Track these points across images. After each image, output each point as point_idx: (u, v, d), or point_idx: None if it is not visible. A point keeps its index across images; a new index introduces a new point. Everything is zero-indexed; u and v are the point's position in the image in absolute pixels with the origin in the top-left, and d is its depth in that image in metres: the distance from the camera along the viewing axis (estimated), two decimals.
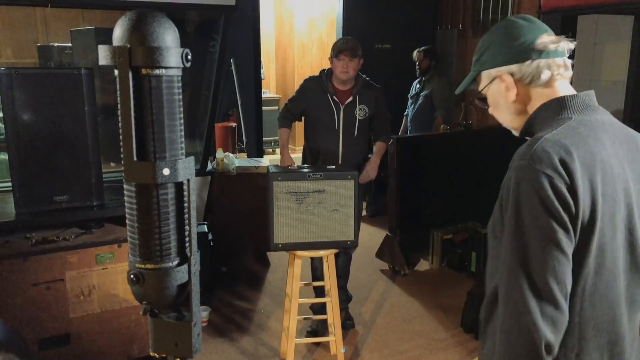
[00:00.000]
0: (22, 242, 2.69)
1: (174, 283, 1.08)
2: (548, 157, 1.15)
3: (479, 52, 1.41)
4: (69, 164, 2.71)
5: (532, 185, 1.14)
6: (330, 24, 8.53)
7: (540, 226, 1.13)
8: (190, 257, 1.11)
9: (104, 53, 1.01)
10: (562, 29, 2.79)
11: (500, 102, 1.38)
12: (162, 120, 1.02)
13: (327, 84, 3.36)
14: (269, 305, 3.98)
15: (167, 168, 1.00)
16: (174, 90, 1.05)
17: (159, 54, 0.98)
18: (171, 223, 1.07)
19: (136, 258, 1.10)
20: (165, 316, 1.11)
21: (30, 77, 2.55)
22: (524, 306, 1.13)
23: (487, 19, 6.08)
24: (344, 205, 2.90)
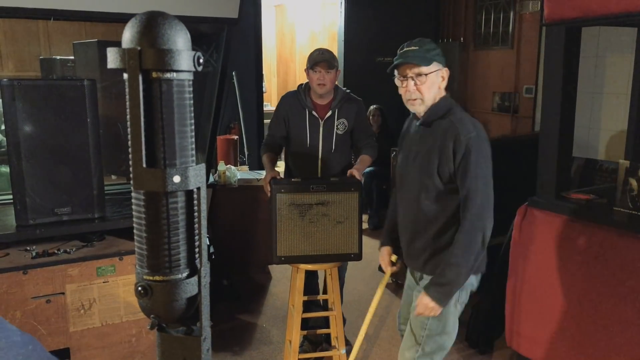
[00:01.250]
0: (23, 254, 2.65)
1: (184, 296, 1.04)
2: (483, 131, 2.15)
3: (433, 50, 2.11)
4: (70, 175, 2.68)
5: (485, 149, 2.11)
6: (331, 38, 8.56)
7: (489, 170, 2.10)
8: (200, 268, 1.07)
9: (112, 56, 0.98)
10: (566, 41, 2.79)
11: (433, 87, 2.13)
12: (173, 126, 0.99)
13: (305, 99, 3.19)
14: (271, 318, 3.94)
15: (177, 175, 0.97)
16: (185, 95, 1.02)
17: (170, 56, 0.95)
18: (181, 233, 1.04)
19: (144, 269, 1.07)
20: (174, 330, 1.08)
21: (33, 88, 2.53)
22: (489, 218, 2.08)
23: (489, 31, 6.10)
24: (347, 218, 2.87)
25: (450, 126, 2.08)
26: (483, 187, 2.06)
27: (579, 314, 2.76)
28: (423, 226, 2.22)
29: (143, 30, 0.95)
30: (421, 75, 2.08)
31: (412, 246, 2.31)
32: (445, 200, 2.14)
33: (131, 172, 0.97)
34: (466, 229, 2.06)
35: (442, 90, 2.17)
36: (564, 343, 2.86)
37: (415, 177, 2.20)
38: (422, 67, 2.07)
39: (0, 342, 1.41)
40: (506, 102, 6.00)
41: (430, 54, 2.08)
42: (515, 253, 3.09)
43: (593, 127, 4.79)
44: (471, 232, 2.06)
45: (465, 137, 2.04)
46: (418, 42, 2.12)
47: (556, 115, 2.88)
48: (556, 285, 2.87)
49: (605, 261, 2.62)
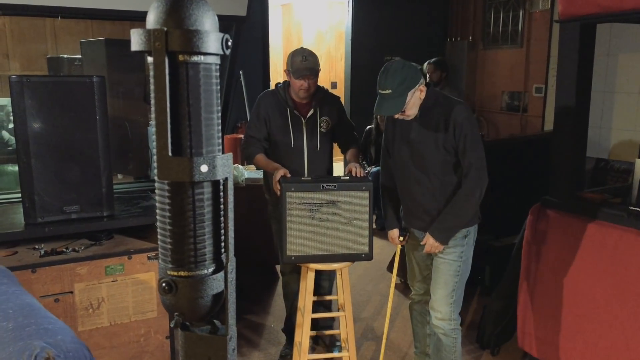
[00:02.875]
0: (31, 253, 2.63)
1: (209, 292, 0.99)
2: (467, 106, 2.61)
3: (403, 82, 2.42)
4: (79, 173, 2.66)
5: (472, 120, 2.55)
6: (338, 37, 8.52)
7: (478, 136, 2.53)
8: (227, 263, 1.02)
9: (137, 37, 0.91)
10: (580, 38, 2.74)
11: (415, 105, 2.51)
12: (199, 112, 0.93)
13: (286, 98, 3.07)
14: (278, 319, 3.90)
15: (205, 165, 0.91)
16: (212, 80, 0.97)
17: (198, 38, 0.90)
18: (207, 226, 0.98)
19: (168, 265, 1.01)
20: (198, 329, 1.02)
21: (42, 85, 2.51)
22: (485, 172, 2.50)
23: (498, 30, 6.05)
24: (358, 217, 2.83)
25: (443, 112, 2.52)
26: (478, 155, 2.50)
27: (593, 316, 2.72)
28: (449, 196, 2.62)
29: (169, 11, 0.89)
30: (402, 110, 2.49)
31: (427, 219, 2.70)
32: (459, 167, 2.59)
33: (155, 161, 0.91)
34: (469, 187, 2.53)
35: (424, 92, 2.53)
36: (577, 345, 2.81)
37: (430, 159, 2.59)
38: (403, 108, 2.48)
39: None
40: (515, 102, 5.95)
41: (401, 88, 2.43)
42: (527, 253, 3.05)
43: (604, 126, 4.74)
44: (472, 190, 2.53)
45: (458, 118, 2.48)
46: (390, 79, 2.45)
47: (570, 114, 2.84)
48: (570, 286, 2.83)
49: (620, 261, 2.58)
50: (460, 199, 2.56)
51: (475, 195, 2.53)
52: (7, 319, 1.54)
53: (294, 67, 2.98)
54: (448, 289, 2.71)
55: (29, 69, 5.49)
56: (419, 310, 3.01)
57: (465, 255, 2.70)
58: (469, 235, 2.70)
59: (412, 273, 2.99)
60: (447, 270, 2.70)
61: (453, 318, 2.73)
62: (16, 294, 1.75)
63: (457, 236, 2.66)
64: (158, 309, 2.80)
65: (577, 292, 2.79)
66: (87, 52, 4.45)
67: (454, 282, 2.70)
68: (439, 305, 2.73)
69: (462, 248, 2.69)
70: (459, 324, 2.77)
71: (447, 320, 2.72)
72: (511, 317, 3.32)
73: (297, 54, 3.02)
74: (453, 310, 2.72)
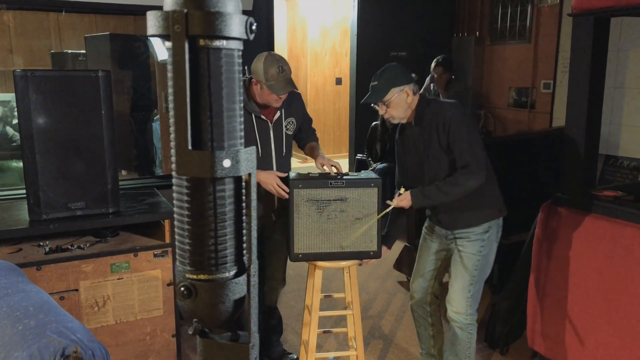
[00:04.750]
0: (36, 250, 2.60)
1: (231, 297, 0.92)
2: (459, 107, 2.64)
3: (388, 79, 2.58)
4: (84, 169, 2.62)
5: (463, 120, 2.58)
6: (343, 33, 8.47)
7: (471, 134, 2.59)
8: (250, 266, 0.95)
9: (154, 20, 0.83)
10: (594, 32, 2.69)
11: (399, 106, 2.60)
12: (221, 102, 0.86)
13: (251, 105, 2.83)
14: (285, 317, 3.86)
15: (227, 159, 0.85)
16: (235, 67, 0.90)
17: (221, 21, 0.82)
18: (228, 226, 0.91)
19: (186, 267, 0.94)
20: (218, 336, 0.96)
21: (47, 79, 2.47)
22: (477, 170, 2.52)
23: (506, 25, 5.99)
24: (366, 214, 2.79)
25: (433, 116, 2.60)
26: (468, 148, 2.54)
27: (606, 314, 2.67)
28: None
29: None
30: (384, 102, 2.60)
31: (448, 212, 2.74)
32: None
33: (173, 155, 0.85)
34: (458, 175, 2.56)
35: (414, 98, 2.63)
36: (588, 345, 2.77)
37: (438, 163, 2.65)
38: (383, 99, 2.59)
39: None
40: (523, 98, 5.89)
41: (386, 84, 2.58)
42: (538, 251, 3.00)
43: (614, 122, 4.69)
44: (461, 179, 2.56)
45: (445, 117, 2.56)
46: (380, 74, 2.63)
47: (583, 110, 2.78)
48: (581, 285, 2.78)
49: (633, 260, 2.53)
50: (453, 181, 2.56)
51: (468, 185, 2.54)
52: (28, 316, 1.53)
53: (271, 81, 2.71)
54: (465, 283, 2.70)
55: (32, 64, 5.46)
56: (420, 313, 3.00)
57: (486, 250, 2.69)
58: (491, 231, 2.69)
59: (418, 266, 2.98)
60: (466, 263, 2.70)
61: (469, 313, 2.72)
62: (34, 291, 1.74)
63: (478, 230, 2.67)
64: (164, 307, 2.77)
65: (589, 291, 2.75)
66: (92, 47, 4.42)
67: (471, 277, 2.69)
68: (455, 298, 2.73)
69: (483, 243, 2.68)
70: (475, 320, 2.75)
71: (463, 314, 2.72)
72: (521, 316, 3.27)
73: (270, 63, 2.72)
74: (470, 305, 2.71)
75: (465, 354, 2.76)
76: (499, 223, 2.74)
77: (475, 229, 2.68)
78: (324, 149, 9.01)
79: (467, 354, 2.76)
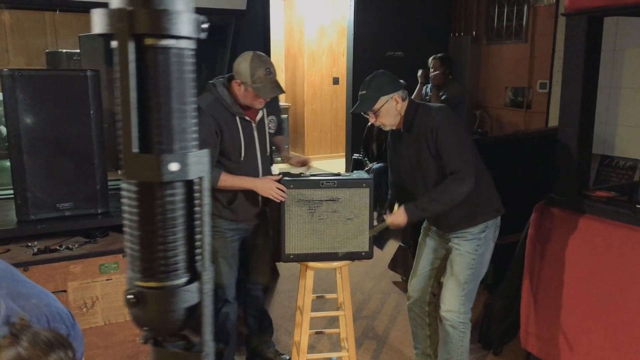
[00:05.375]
0: (24, 250, 2.58)
1: (182, 305, 0.89)
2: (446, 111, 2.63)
3: (376, 88, 2.56)
4: (73, 169, 2.60)
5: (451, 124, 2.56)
6: (340, 32, 8.45)
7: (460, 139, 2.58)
8: (203, 273, 0.92)
9: (98, 18, 0.82)
10: (587, 32, 2.67)
11: (389, 114, 2.59)
12: (170, 103, 0.84)
13: (233, 106, 2.70)
14: (278, 317, 3.85)
15: (175, 162, 0.82)
16: (186, 67, 0.87)
17: (168, 19, 0.79)
18: (179, 231, 0.89)
19: (136, 274, 0.91)
20: (171, 345, 0.93)
21: (34, 79, 2.45)
22: (468, 174, 2.51)
23: (502, 25, 5.97)
24: (358, 215, 2.77)
25: (422, 122, 2.58)
26: (457, 154, 2.53)
27: (599, 315, 2.66)
28: None
29: None
30: (374, 112, 2.59)
31: (444, 215, 2.73)
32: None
33: (121, 159, 0.83)
34: (448, 182, 2.56)
35: (404, 104, 2.62)
36: (581, 346, 2.75)
37: (428, 168, 2.64)
38: (373, 107, 2.57)
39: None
40: (519, 97, 5.87)
41: (375, 93, 2.57)
42: (531, 251, 2.99)
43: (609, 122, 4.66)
44: (451, 186, 2.55)
45: (433, 123, 2.54)
46: (368, 82, 2.62)
47: (576, 110, 2.76)
48: (575, 286, 2.77)
49: (626, 261, 2.52)
50: (444, 189, 2.56)
51: (460, 192, 2.54)
52: None
53: (257, 83, 2.61)
54: (460, 281, 2.69)
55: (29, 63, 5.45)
56: (417, 312, 2.98)
57: (482, 249, 2.69)
58: (487, 230, 2.69)
59: (416, 265, 2.98)
60: (460, 262, 2.69)
61: (462, 311, 2.71)
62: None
63: (474, 230, 2.66)
64: None
65: (582, 292, 2.73)
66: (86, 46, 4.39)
67: (466, 275, 2.68)
68: (449, 296, 2.72)
69: (479, 242, 2.68)
70: (468, 319, 2.74)
71: (456, 312, 2.71)
72: (514, 317, 3.25)
73: (257, 65, 2.61)
74: (463, 304, 2.70)
75: (456, 352, 2.75)
76: (496, 223, 2.74)
77: (472, 229, 2.68)
78: (321, 149, 9.00)
79: (458, 352, 2.75)
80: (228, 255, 2.88)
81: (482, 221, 2.67)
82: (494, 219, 2.71)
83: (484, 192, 2.68)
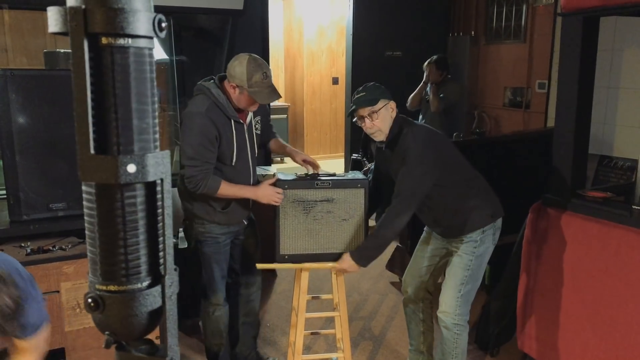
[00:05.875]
0: (17, 251, 2.57)
1: (143, 309, 0.87)
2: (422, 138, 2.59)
3: (376, 90, 2.60)
4: (66, 169, 2.59)
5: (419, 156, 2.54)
6: (339, 32, 8.44)
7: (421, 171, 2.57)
8: (165, 276, 0.89)
9: (53, 17, 0.80)
10: (583, 32, 2.65)
11: (385, 119, 2.60)
12: (129, 103, 0.82)
13: (230, 110, 2.62)
14: (274, 317, 3.84)
15: (132, 164, 0.80)
16: (145, 66, 0.85)
17: (124, 18, 0.78)
18: (140, 234, 0.86)
19: (97, 278, 0.89)
20: (135, 349, 0.91)
21: (27, 78, 2.45)
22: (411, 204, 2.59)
23: (501, 25, 5.96)
24: (353, 215, 2.76)
25: (402, 143, 2.59)
26: (408, 180, 2.56)
27: (595, 317, 2.64)
28: (445, 209, 2.72)
29: None
30: (373, 113, 2.57)
31: (439, 226, 2.82)
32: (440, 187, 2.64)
33: (78, 160, 0.81)
34: (392, 214, 2.59)
35: (394, 111, 2.66)
36: (578, 347, 2.74)
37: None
38: (372, 106, 2.56)
39: None
40: (518, 98, 5.85)
41: (375, 94, 2.58)
42: (527, 252, 2.97)
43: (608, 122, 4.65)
44: (387, 220, 2.60)
45: (408, 148, 2.55)
46: (364, 88, 2.63)
47: (572, 110, 2.75)
48: (571, 286, 2.75)
49: (623, 262, 2.50)
50: (383, 223, 2.61)
51: (398, 222, 2.59)
52: None
53: (254, 87, 2.54)
54: (456, 282, 2.69)
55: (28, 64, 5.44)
56: (413, 308, 2.99)
57: (480, 251, 2.69)
58: (486, 233, 2.69)
59: (413, 261, 2.99)
60: (458, 263, 2.69)
61: (457, 313, 2.69)
62: None
63: (471, 235, 2.67)
64: None
65: (578, 293, 2.71)
66: None
67: (463, 276, 2.68)
68: (445, 297, 2.72)
69: (476, 244, 2.67)
70: (464, 321, 2.73)
71: (451, 314, 2.69)
72: (511, 318, 3.24)
73: (254, 69, 2.54)
74: (459, 305, 2.69)
75: (450, 354, 2.74)
76: (495, 225, 2.73)
77: (470, 234, 2.68)
78: (321, 149, 8.99)
79: (452, 354, 2.74)
80: (221, 260, 2.86)
81: (477, 228, 2.67)
82: (491, 223, 2.71)
83: (476, 202, 2.69)
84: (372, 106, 2.56)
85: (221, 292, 2.90)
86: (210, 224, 2.77)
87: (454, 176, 2.67)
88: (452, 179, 2.66)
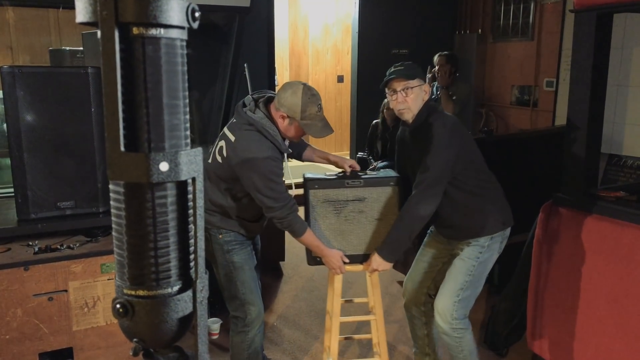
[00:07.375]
0: (24, 250, 2.55)
1: (174, 315, 0.83)
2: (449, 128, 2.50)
3: (415, 68, 2.54)
4: (74, 167, 2.57)
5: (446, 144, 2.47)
6: (345, 30, 8.41)
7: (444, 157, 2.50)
8: (196, 281, 0.85)
9: (82, 4, 0.75)
10: (596, 28, 2.62)
11: (417, 99, 2.52)
12: (161, 98, 0.77)
13: (285, 147, 2.51)
14: (281, 317, 3.82)
15: (165, 162, 0.76)
16: (177, 58, 0.80)
17: (157, 6, 0.73)
18: (171, 236, 0.82)
19: (124, 282, 0.85)
20: (164, 357, 0.88)
21: (35, 76, 2.42)
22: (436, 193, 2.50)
23: (508, 23, 5.92)
24: (386, 215, 2.64)
25: (427, 131, 2.50)
26: (433, 173, 2.47)
27: (607, 317, 2.61)
28: (462, 206, 2.61)
29: None
30: (407, 89, 2.49)
31: (448, 228, 2.73)
32: (452, 183, 2.56)
33: (107, 157, 0.77)
34: (414, 201, 2.51)
35: (427, 95, 2.59)
36: (589, 347, 2.71)
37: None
38: (409, 81, 2.49)
39: None
40: (525, 96, 5.82)
41: (413, 71, 2.53)
42: (538, 252, 2.94)
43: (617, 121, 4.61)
44: (417, 205, 2.51)
45: (432, 136, 2.48)
46: (402, 64, 2.58)
47: (585, 108, 2.71)
48: (582, 286, 2.72)
49: (636, 261, 2.47)
50: (403, 214, 2.53)
51: (420, 211, 2.48)
52: None
53: (307, 120, 2.42)
54: (455, 286, 2.60)
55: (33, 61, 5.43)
56: (413, 312, 2.94)
57: (484, 257, 2.61)
58: (493, 240, 2.63)
59: (412, 270, 2.91)
60: (460, 266, 2.62)
61: (454, 317, 2.59)
62: None
63: (479, 240, 2.61)
64: None
65: (590, 293, 2.68)
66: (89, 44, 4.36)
67: (463, 281, 2.59)
68: (441, 300, 2.63)
69: (482, 249, 2.60)
70: (463, 324, 2.63)
71: (447, 319, 2.60)
72: (521, 318, 3.21)
73: (309, 100, 2.40)
74: (455, 310, 2.59)
75: (458, 357, 2.69)
76: (504, 234, 2.68)
77: (478, 239, 2.62)
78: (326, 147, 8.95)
79: (460, 357, 2.68)
80: (252, 266, 2.67)
81: (486, 233, 2.61)
82: (501, 232, 2.65)
83: (489, 206, 2.62)
84: (408, 80, 2.49)
85: (260, 300, 2.70)
86: (235, 232, 2.62)
87: (470, 172, 2.59)
88: (468, 175, 2.58)
